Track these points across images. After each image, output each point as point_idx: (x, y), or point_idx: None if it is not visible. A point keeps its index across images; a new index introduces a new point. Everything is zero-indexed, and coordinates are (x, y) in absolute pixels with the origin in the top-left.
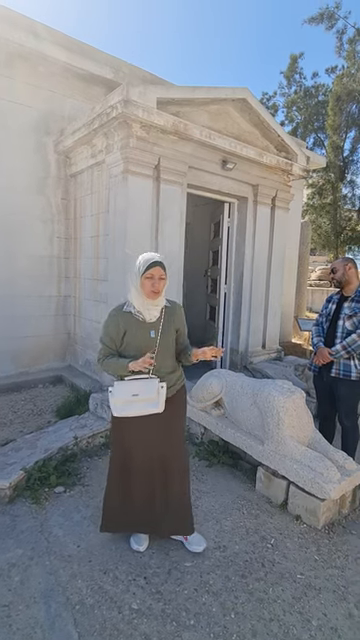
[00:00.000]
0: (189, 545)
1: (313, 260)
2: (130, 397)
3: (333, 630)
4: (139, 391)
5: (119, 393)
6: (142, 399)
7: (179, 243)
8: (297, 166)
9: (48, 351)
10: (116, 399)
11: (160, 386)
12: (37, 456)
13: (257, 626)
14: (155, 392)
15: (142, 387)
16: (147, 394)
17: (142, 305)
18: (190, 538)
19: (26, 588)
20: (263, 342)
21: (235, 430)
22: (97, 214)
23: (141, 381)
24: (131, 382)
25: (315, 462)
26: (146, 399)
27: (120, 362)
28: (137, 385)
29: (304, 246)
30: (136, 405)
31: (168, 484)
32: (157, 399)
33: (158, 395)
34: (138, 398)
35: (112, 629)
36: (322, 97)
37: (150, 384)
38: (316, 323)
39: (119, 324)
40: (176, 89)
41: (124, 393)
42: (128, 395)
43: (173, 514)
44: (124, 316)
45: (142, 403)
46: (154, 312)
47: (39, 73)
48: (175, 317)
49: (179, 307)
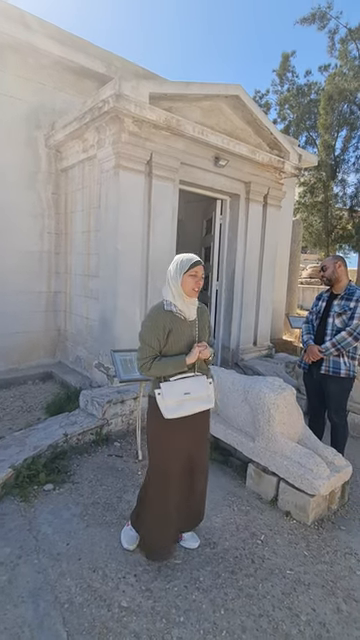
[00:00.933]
0: (184, 542)
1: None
2: (182, 396)
3: (322, 625)
4: (190, 389)
5: (170, 394)
6: (194, 397)
7: (171, 239)
8: (289, 164)
9: (38, 347)
10: (168, 400)
11: (209, 382)
12: (26, 454)
13: (247, 622)
14: (205, 388)
15: (192, 385)
16: (198, 391)
17: (183, 304)
18: (185, 535)
19: (14, 587)
20: (254, 339)
21: (226, 427)
22: (88, 209)
23: (190, 379)
24: (180, 381)
25: (305, 458)
26: (198, 397)
27: (176, 359)
28: (187, 383)
29: (295, 244)
30: (188, 404)
31: (194, 483)
32: (208, 395)
33: (209, 390)
34: (190, 397)
35: (101, 627)
36: (314, 96)
37: (199, 381)
38: (306, 321)
39: (164, 324)
40: (169, 84)
41: (175, 393)
42: (180, 395)
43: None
44: (167, 315)
45: (194, 401)
46: (193, 311)
47: (30, 65)
48: (205, 315)
49: (206, 309)
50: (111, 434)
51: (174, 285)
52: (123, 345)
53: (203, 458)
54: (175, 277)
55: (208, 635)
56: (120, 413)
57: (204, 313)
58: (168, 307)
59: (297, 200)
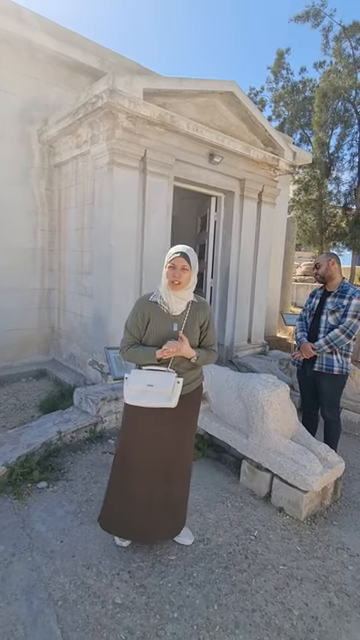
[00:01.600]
0: (178, 538)
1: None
2: (145, 387)
3: (314, 619)
4: (155, 382)
5: (135, 381)
6: (156, 391)
7: (165, 236)
8: (284, 161)
9: (31, 345)
10: (131, 387)
11: (177, 381)
12: (20, 451)
13: (240, 617)
14: (170, 386)
15: (159, 379)
16: (162, 387)
17: (167, 296)
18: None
19: (7, 585)
20: (248, 336)
21: (220, 424)
22: (82, 206)
23: (159, 373)
24: (148, 372)
25: (298, 455)
26: (160, 391)
27: (147, 350)
28: (154, 376)
29: (289, 241)
30: (149, 396)
31: (169, 486)
32: (171, 393)
33: (173, 389)
34: (153, 389)
35: (95, 624)
36: (309, 93)
37: (167, 377)
38: (300, 318)
39: (144, 312)
40: (163, 80)
41: (140, 382)
42: (143, 384)
43: (168, 517)
44: (149, 305)
45: (155, 395)
46: (179, 305)
47: (23, 60)
48: (200, 314)
49: (207, 306)
50: (105, 431)
51: (162, 277)
52: (117, 343)
53: (183, 460)
54: (163, 269)
55: (202, 630)
56: (114, 410)
57: (200, 312)
58: (154, 298)
59: (291, 198)
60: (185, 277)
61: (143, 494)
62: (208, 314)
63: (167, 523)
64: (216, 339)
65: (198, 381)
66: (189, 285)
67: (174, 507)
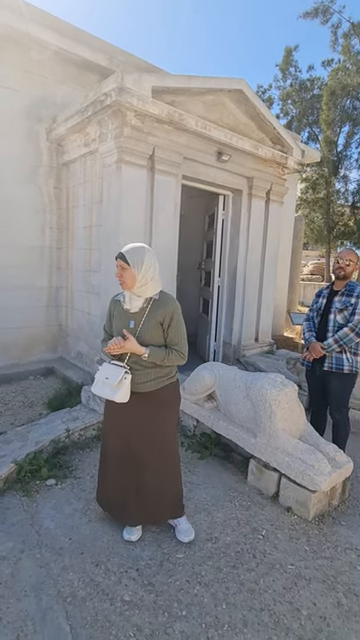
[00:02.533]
0: (177, 533)
1: (305, 255)
2: (103, 378)
3: (322, 619)
4: (109, 375)
5: (99, 372)
6: (109, 383)
7: (173, 235)
8: (292, 159)
9: (39, 343)
10: (96, 377)
11: (124, 377)
12: (28, 449)
13: (248, 616)
14: (117, 380)
15: (112, 372)
16: (113, 380)
17: (126, 293)
18: (180, 526)
19: (17, 581)
20: (256, 335)
21: (227, 423)
22: (90, 204)
23: (115, 367)
24: (109, 365)
25: (306, 454)
26: (110, 384)
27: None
28: (110, 369)
29: (297, 240)
30: (103, 387)
31: (141, 479)
32: (117, 388)
33: (120, 384)
34: (107, 382)
35: (104, 621)
36: (317, 91)
37: (117, 371)
38: (307, 318)
39: (110, 309)
40: (172, 78)
41: (101, 373)
42: (102, 376)
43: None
44: (115, 303)
45: (107, 387)
46: (136, 302)
47: (31, 58)
48: (160, 311)
49: (170, 304)
50: None
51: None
52: None
53: (153, 458)
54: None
55: (210, 629)
56: None
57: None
58: (119, 296)
59: (299, 196)
60: (126, 275)
61: (116, 479)
62: (171, 311)
63: (139, 509)
64: (183, 339)
65: (161, 381)
66: (138, 283)
67: (150, 496)
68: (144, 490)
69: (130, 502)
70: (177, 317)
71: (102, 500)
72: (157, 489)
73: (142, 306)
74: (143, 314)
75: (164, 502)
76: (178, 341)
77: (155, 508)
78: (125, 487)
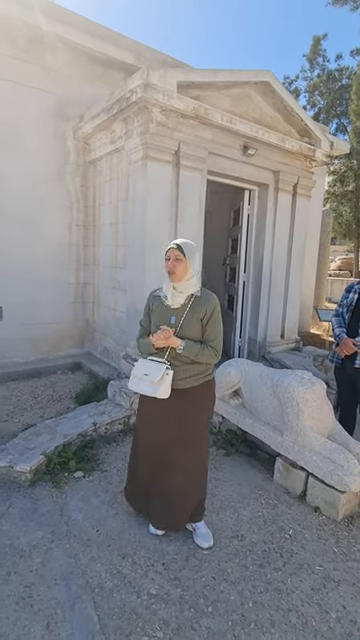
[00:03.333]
0: (196, 538)
1: (333, 250)
2: (142, 375)
3: (352, 623)
4: (149, 371)
5: (137, 369)
6: (149, 380)
7: (198, 231)
8: (320, 152)
9: (67, 338)
10: (133, 374)
11: (166, 373)
12: (57, 441)
13: (275, 616)
14: (158, 376)
15: (152, 368)
16: (153, 376)
17: (168, 289)
18: (199, 530)
19: (47, 569)
20: (282, 332)
21: (253, 420)
22: (116, 201)
23: (154, 363)
24: (147, 361)
25: (335, 454)
26: (151, 381)
27: (147, 340)
28: (149, 365)
29: (324, 235)
30: (143, 384)
31: (167, 477)
32: (159, 384)
33: (161, 380)
34: (147, 378)
35: (131, 613)
36: (346, 81)
37: (158, 367)
38: (336, 314)
39: (149, 305)
40: (197, 72)
41: (139, 370)
42: (141, 373)
43: (163, 506)
44: (154, 298)
45: (147, 384)
46: (178, 298)
47: (58, 58)
48: (202, 307)
49: (212, 300)
50: None
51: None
52: None
53: (183, 456)
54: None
55: (236, 627)
56: None
57: (203, 304)
58: (159, 292)
59: (327, 190)
60: (180, 267)
61: (145, 477)
62: (212, 307)
63: (162, 512)
64: (219, 336)
65: (200, 378)
66: (187, 276)
67: (171, 498)
68: (171, 492)
69: (156, 503)
70: (216, 314)
71: (130, 496)
72: (183, 492)
73: (184, 302)
74: (184, 310)
75: (188, 506)
76: (214, 337)
77: (180, 512)
78: (152, 487)
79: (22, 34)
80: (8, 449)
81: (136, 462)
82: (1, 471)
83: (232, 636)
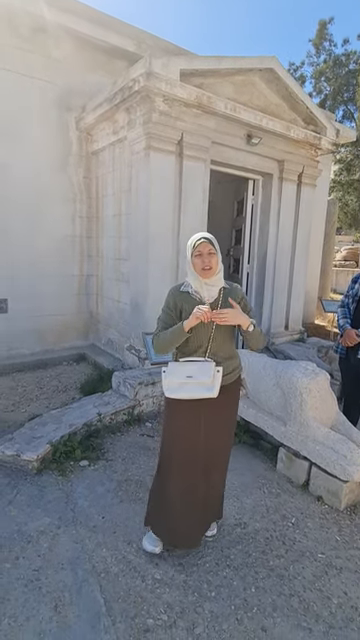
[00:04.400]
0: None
1: (339, 240)
2: (184, 379)
3: (354, 609)
4: (194, 373)
5: (173, 374)
6: (196, 382)
7: (201, 221)
8: (326, 140)
9: (71, 330)
10: (170, 380)
11: (216, 370)
12: (62, 431)
13: (277, 601)
14: (211, 376)
15: (197, 369)
16: (202, 377)
17: (199, 285)
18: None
19: (54, 554)
20: (286, 323)
21: (257, 410)
22: (119, 192)
23: (197, 363)
24: (186, 363)
25: (338, 444)
26: (200, 382)
27: (173, 328)
28: (192, 367)
29: (330, 225)
30: (189, 387)
31: (210, 477)
32: (212, 383)
33: (213, 379)
34: (192, 380)
35: (136, 596)
36: (353, 66)
37: (206, 367)
38: (341, 304)
39: (176, 303)
40: (200, 60)
41: (178, 374)
42: (182, 377)
43: (208, 517)
44: (181, 295)
45: (196, 386)
46: (212, 292)
47: (60, 47)
48: (233, 296)
49: (239, 289)
50: (142, 415)
51: (189, 267)
52: (154, 327)
53: (224, 451)
54: (189, 260)
55: (239, 611)
56: (151, 394)
57: (233, 294)
58: (185, 288)
59: (332, 178)
60: (214, 261)
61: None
62: (241, 295)
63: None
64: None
65: (237, 372)
66: (218, 270)
67: (212, 505)
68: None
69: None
70: (247, 300)
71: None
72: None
73: (217, 296)
74: (218, 302)
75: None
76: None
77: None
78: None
79: (25, 23)
80: (15, 438)
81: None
82: (8, 460)
83: (235, 620)
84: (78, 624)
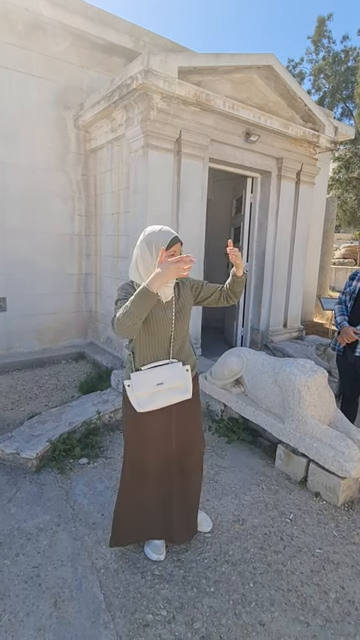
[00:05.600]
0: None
1: (337, 238)
2: (154, 387)
3: (351, 603)
4: (164, 379)
5: (140, 385)
6: (168, 387)
7: (200, 220)
8: (324, 137)
9: (70, 328)
10: (138, 392)
11: (185, 369)
12: (62, 429)
13: (275, 596)
14: (182, 377)
15: (166, 374)
16: (174, 381)
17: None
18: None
19: (54, 551)
20: (284, 321)
21: (255, 408)
22: (117, 190)
23: (163, 367)
24: (151, 370)
25: (336, 441)
26: (173, 387)
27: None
28: (160, 373)
29: (328, 223)
30: (162, 395)
31: (185, 478)
32: (185, 384)
33: (186, 380)
34: (164, 387)
35: (135, 592)
36: (352, 63)
37: (175, 369)
38: (339, 302)
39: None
40: (198, 57)
41: (146, 384)
42: (152, 386)
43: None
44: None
45: (169, 392)
46: (169, 291)
47: (56, 44)
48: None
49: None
50: None
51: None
52: None
53: (196, 448)
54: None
55: (237, 605)
56: None
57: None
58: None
59: (331, 176)
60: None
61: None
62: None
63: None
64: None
65: (196, 367)
66: None
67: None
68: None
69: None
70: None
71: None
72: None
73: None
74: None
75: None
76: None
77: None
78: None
79: (21, 20)
80: (14, 436)
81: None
82: (8, 458)
83: (233, 614)
84: (78, 620)
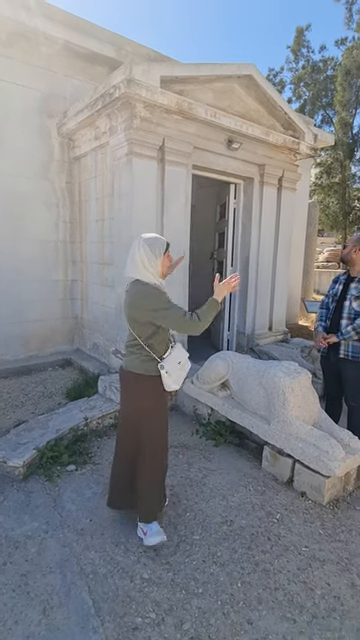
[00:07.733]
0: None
1: (321, 241)
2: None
3: (336, 598)
4: (181, 358)
5: (173, 369)
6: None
7: (185, 225)
8: (304, 144)
9: (56, 335)
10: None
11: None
12: (49, 436)
13: (263, 594)
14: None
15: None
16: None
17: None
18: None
19: (42, 558)
20: (269, 324)
21: (241, 410)
22: (102, 197)
23: (175, 350)
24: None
25: (320, 441)
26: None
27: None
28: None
29: (311, 227)
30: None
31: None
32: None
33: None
34: (181, 364)
35: (124, 596)
36: (331, 71)
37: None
38: (322, 305)
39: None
40: (180, 67)
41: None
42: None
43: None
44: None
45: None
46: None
47: (39, 52)
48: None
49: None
50: None
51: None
52: None
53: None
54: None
55: (226, 605)
56: None
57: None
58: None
59: (313, 182)
60: None
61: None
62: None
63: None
64: None
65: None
66: None
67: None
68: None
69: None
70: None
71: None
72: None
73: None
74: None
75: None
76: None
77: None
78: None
79: (5, 29)
80: (1, 445)
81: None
82: None
83: (222, 614)
84: (67, 626)
